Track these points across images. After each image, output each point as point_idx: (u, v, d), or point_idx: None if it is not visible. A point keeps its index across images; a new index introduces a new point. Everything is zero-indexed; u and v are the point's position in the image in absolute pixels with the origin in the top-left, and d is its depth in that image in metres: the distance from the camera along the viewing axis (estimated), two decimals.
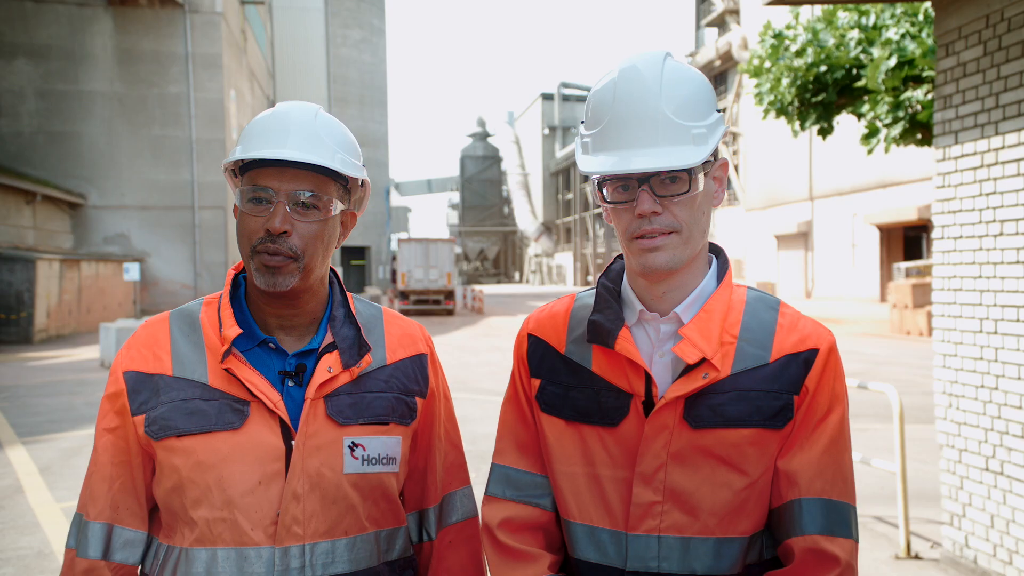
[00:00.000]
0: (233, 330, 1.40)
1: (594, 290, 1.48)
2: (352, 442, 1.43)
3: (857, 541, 1.34)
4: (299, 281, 1.40)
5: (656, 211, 1.27)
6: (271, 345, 1.44)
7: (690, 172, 1.27)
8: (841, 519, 1.32)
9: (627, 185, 1.29)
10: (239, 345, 1.41)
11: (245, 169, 1.42)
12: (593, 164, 1.29)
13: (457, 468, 1.64)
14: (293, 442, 1.39)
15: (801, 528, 1.31)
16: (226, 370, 1.39)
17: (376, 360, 1.50)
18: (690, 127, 1.26)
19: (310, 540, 1.38)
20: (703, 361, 1.31)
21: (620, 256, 1.48)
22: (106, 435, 1.42)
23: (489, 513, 1.48)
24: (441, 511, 1.61)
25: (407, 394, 1.52)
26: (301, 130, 1.40)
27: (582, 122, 1.37)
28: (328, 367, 1.43)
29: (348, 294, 1.55)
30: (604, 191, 1.31)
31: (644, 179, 1.27)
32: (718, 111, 1.33)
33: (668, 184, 1.28)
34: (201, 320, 1.46)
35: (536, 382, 1.46)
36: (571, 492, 1.40)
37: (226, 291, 1.47)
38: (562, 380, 1.43)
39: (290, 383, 1.43)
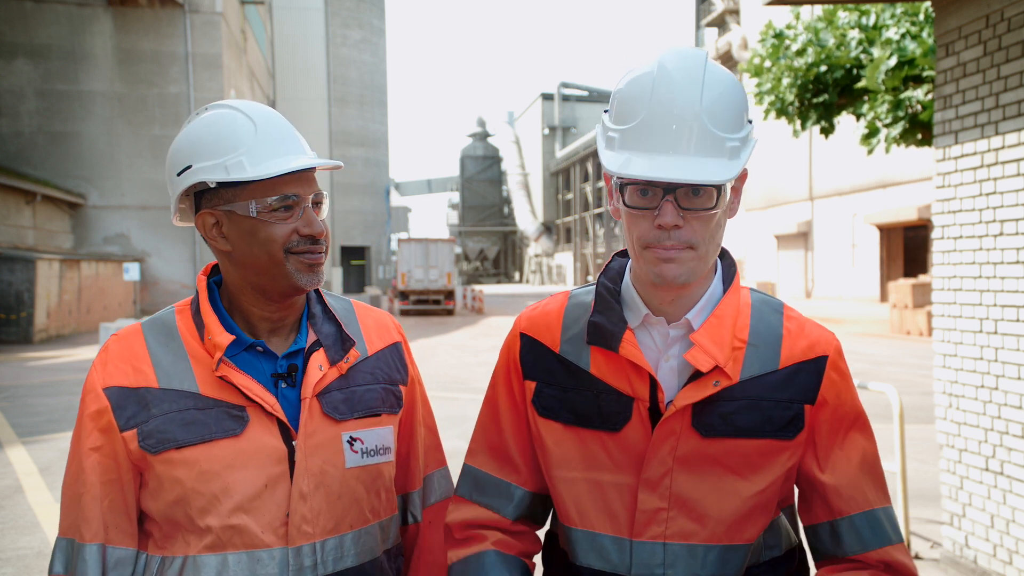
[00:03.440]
0: (224, 337, 1.38)
1: (590, 288, 1.46)
2: (350, 436, 1.45)
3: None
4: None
5: (678, 224, 1.21)
6: (259, 348, 1.44)
7: (719, 188, 1.21)
8: (894, 524, 1.35)
9: (648, 191, 1.22)
10: (227, 351, 1.40)
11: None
12: (621, 165, 1.21)
13: (434, 450, 1.69)
14: (294, 443, 1.39)
15: (865, 544, 1.32)
16: (220, 377, 1.38)
17: (359, 353, 1.51)
18: (725, 138, 1.20)
19: (320, 537, 1.40)
20: (714, 368, 1.29)
21: (617, 254, 1.46)
22: (92, 454, 1.38)
23: (452, 513, 1.49)
24: (423, 493, 1.65)
25: (392, 384, 1.55)
26: (294, 131, 1.44)
27: (605, 111, 1.30)
28: (319, 365, 1.44)
29: (320, 290, 1.55)
30: (624, 193, 1.24)
31: (670, 189, 1.21)
32: (749, 121, 1.28)
33: (693, 198, 1.21)
34: (179, 328, 1.44)
35: (531, 385, 1.43)
36: (570, 498, 1.38)
37: (203, 297, 1.45)
38: (558, 382, 1.40)
39: (283, 384, 1.43)
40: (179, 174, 1.40)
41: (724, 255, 1.40)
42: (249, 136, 1.37)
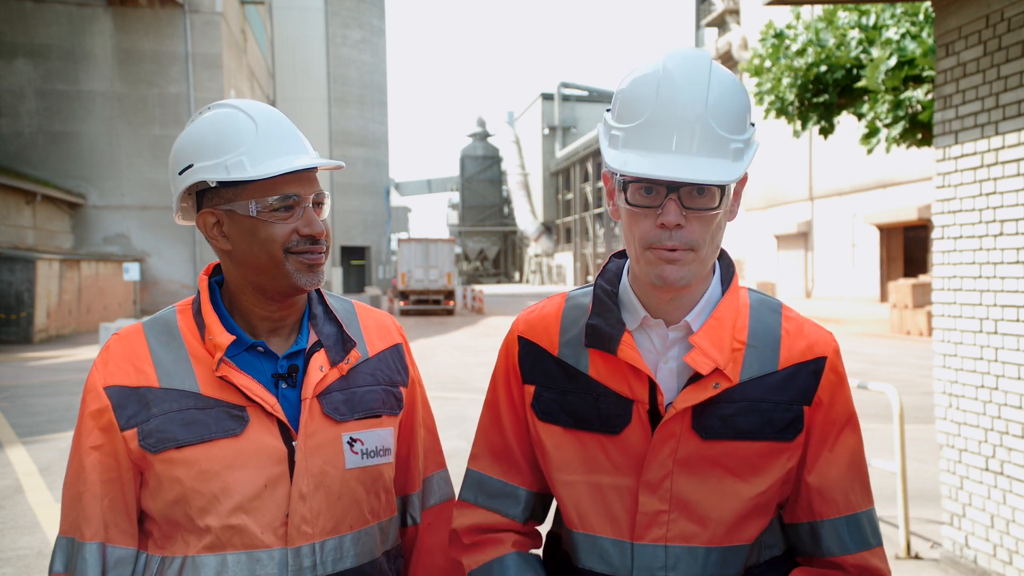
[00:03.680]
0: (225, 337, 1.39)
1: (587, 289, 1.45)
2: (350, 437, 1.45)
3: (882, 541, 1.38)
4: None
5: (680, 224, 1.21)
6: (260, 348, 1.44)
7: (722, 188, 1.22)
8: (874, 528, 1.35)
9: (652, 189, 1.22)
10: (227, 351, 1.40)
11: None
12: (624, 163, 1.21)
13: (434, 452, 1.69)
14: (294, 443, 1.39)
15: (844, 547, 1.33)
16: (220, 377, 1.38)
17: (360, 354, 1.51)
18: (729, 139, 1.21)
19: (319, 538, 1.40)
20: (714, 370, 1.29)
21: (615, 255, 1.45)
22: (92, 453, 1.39)
23: (459, 518, 1.48)
24: (423, 495, 1.65)
25: (392, 385, 1.55)
26: (297, 131, 1.43)
27: (608, 110, 1.29)
28: (320, 366, 1.44)
29: (321, 290, 1.55)
30: (627, 192, 1.24)
31: (673, 188, 1.20)
32: (752, 124, 1.28)
33: (696, 197, 1.21)
34: (180, 328, 1.44)
35: (530, 389, 1.42)
36: (571, 501, 1.37)
37: (204, 297, 1.45)
38: (557, 385, 1.39)
39: (283, 385, 1.43)
40: (181, 173, 1.40)
41: (722, 256, 1.40)
42: (250, 135, 1.37)
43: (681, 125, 1.19)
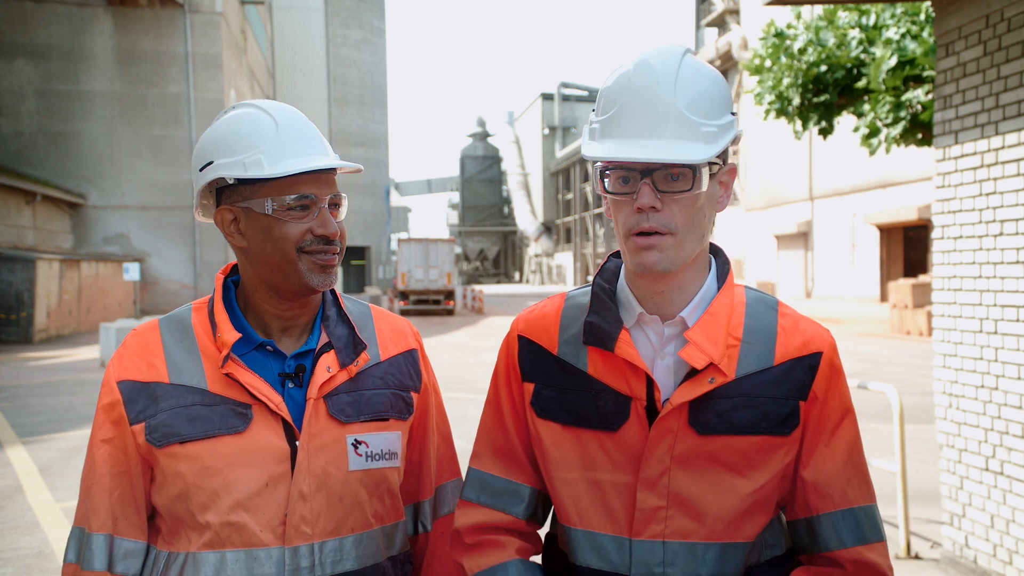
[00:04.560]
0: (231, 335, 1.40)
1: (586, 289, 1.46)
2: (355, 440, 1.45)
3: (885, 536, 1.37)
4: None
5: (655, 207, 1.23)
6: (268, 348, 1.45)
7: (694, 170, 1.23)
8: (873, 524, 1.34)
9: (629, 177, 1.25)
10: (236, 349, 1.42)
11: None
12: (596, 149, 1.25)
13: (448, 460, 1.68)
14: (297, 443, 1.40)
15: (840, 541, 1.33)
16: (226, 375, 1.39)
17: (371, 357, 1.51)
18: (700, 123, 1.23)
19: (318, 539, 1.40)
20: (709, 365, 1.29)
21: (613, 255, 1.46)
22: (103, 446, 1.41)
23: (461, 518, 1.47)
24: (435, 503, 1.64)
25: (403, 389, 1.54)
26: (317, 133, 1.45)
27: (593, 110, 1.33)
28: (327, 367, 1.44)
29: (337, 292, 1.56)
30: (606, 181, 1.28)
31: (647, 172, 1.23)
32: (732, 114, 1.30)
33: (671, 180, 1.24)
34: (193, 326, 1.46)
35: (529, 386, 1.43)
36: (570, 498, 1.38)
37: (217, 296, 1.47)
38: (557, 383, 1.40)
39: (290, 384, 1.44)
40: (201, 169, 1.43)
41: (718, 253, 1.41)
42: (270, 135, 1.39)
43: (650, 110, 1.23)
